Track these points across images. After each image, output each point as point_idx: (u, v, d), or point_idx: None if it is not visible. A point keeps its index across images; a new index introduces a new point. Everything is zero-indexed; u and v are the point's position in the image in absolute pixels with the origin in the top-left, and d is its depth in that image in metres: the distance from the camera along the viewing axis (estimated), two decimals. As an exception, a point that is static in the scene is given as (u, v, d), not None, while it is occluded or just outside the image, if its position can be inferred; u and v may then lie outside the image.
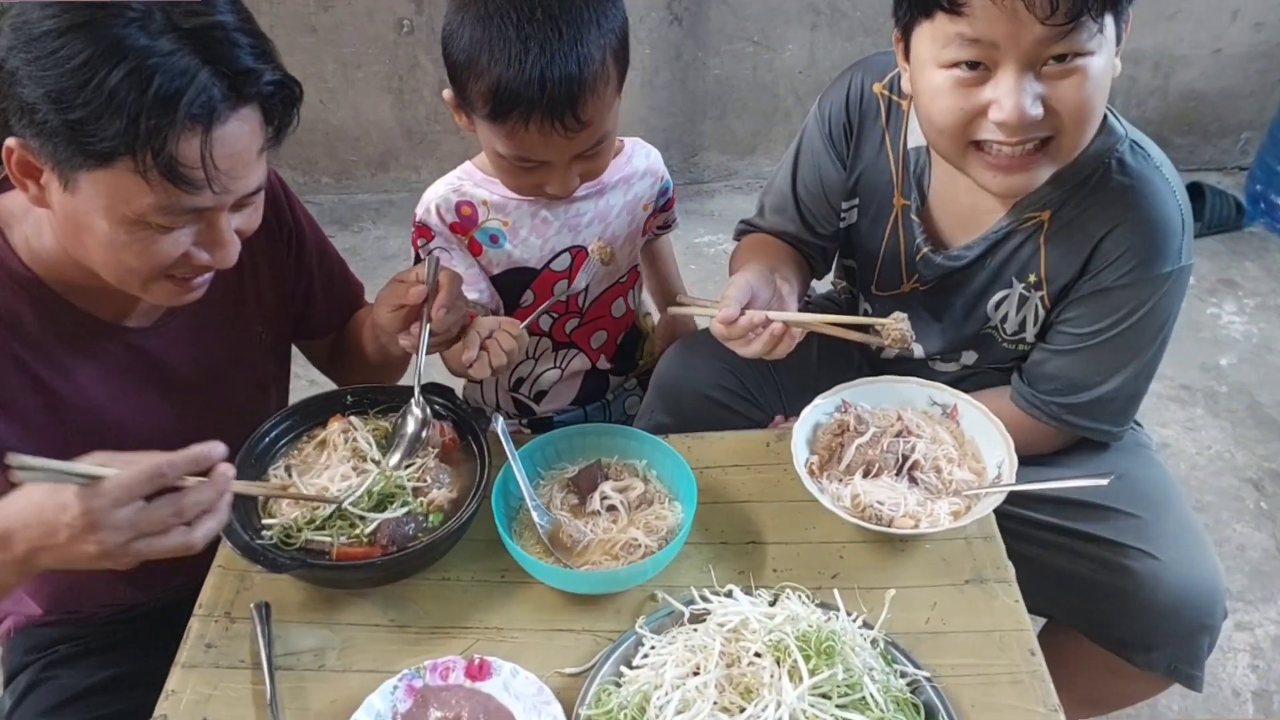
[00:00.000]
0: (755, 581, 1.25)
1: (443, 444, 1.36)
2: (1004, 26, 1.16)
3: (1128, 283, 1.37)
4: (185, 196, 1.09)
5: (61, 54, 1.01)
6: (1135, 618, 1.40)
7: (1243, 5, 3.46)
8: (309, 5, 3.39)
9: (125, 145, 1.03)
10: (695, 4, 3.48)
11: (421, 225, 1.61)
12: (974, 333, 1.54)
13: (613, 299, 1.75)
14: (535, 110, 1.31)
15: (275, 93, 1.12)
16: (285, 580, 1.28)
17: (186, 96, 1.03)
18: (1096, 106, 1.24)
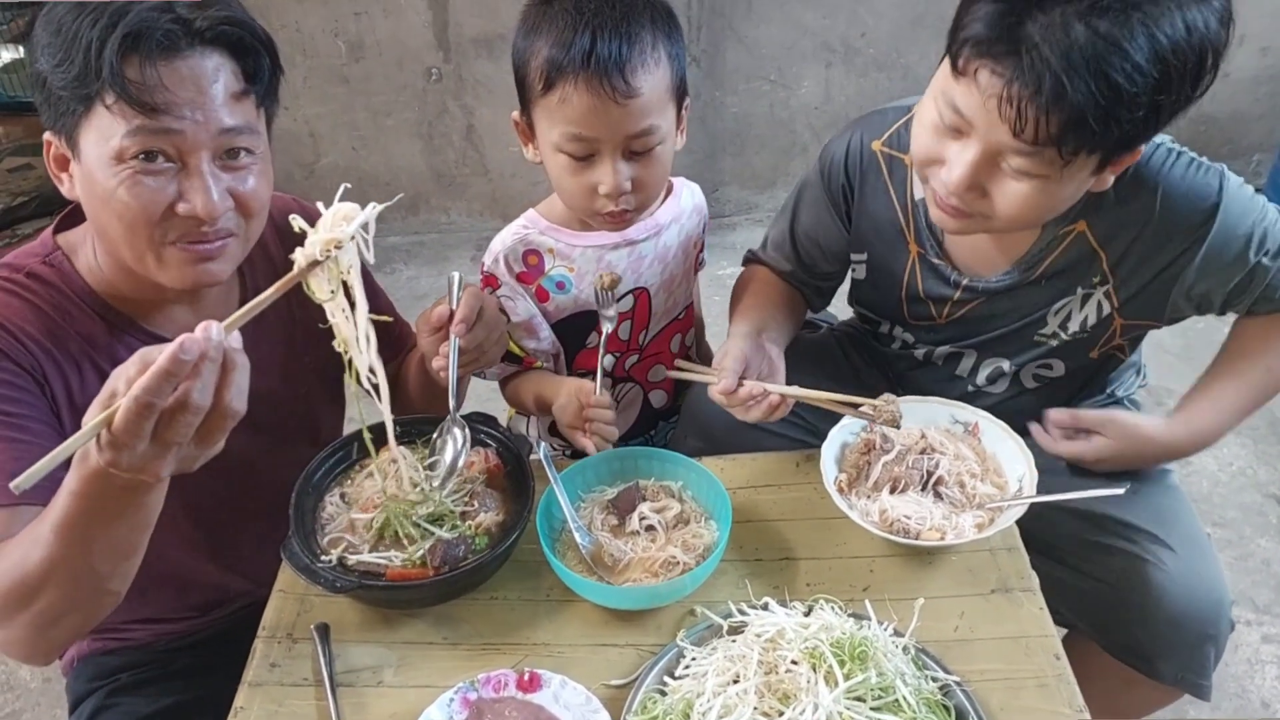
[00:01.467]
0: (789, 595, 1.31)
1: (488, 470, 1.43)
2: (982, 116, 1.21)
3: (1209, 245, 1.39)
4: (149, 120, 1.17)
5: (48, 18, 1.19)
6: (1142, 628, 1.45)
7: (1249, 30, 3.53)
8: (341, 57, 3.52)
9: (88, 77, 1.15)
10: (713, 45, 3.58)
11: (489, 275, 1.66)
12: (1025, 335, 1.57)
13: (671, 335, 1.81)
14: (584, 68, 1.37)
15: (232, 32, 1.21)
16: (342, 602, 1.34)
17: (127, 21, 1.14)
18: (1037, 217, 1.33)
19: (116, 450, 0.96)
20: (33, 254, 1.35)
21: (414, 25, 3.48)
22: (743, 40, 3.57)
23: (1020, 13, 1.14)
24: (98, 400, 0.97)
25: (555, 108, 1.43)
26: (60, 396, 1.32)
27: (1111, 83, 1.12)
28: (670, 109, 1.48)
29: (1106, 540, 1.50)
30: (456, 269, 1.49)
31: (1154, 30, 1.12)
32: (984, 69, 1.18)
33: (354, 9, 3.44)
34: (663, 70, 1.43)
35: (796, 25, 3.54)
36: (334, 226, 1.12)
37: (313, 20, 3.45)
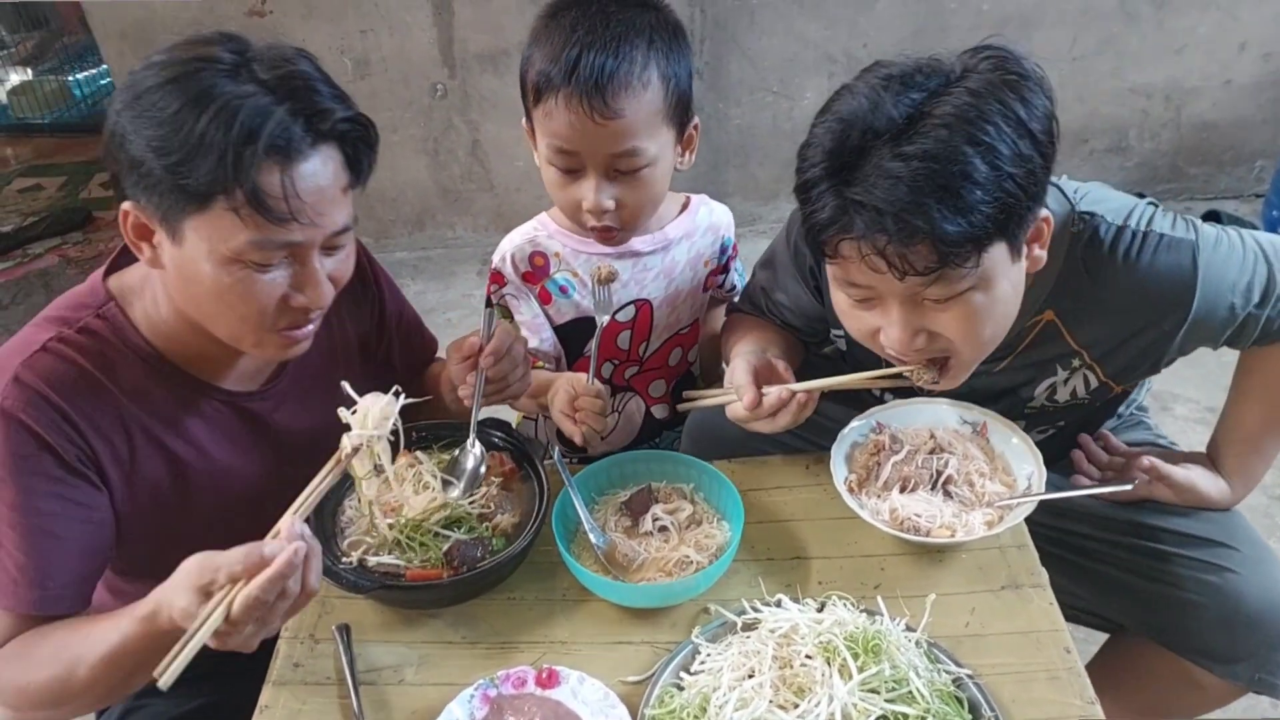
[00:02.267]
0: (802, 593, 1.33)
1: (503, 473, 1.46)
2: (874, 278, 1.20)
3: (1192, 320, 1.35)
4: (276, 230, 1.17)
5: (159, 104, 1.14)
6: (1217, 631, 1.45)
7: (1250, 36, 3.56)
8: (347, 74, 3.56)
9: (218, 183, 1.13)
10: (715, 58, 3.62)
11: (496, 272, 1.69)
12: (1012, 410, 1.55)
13: (671, 349, 1.82)
14: (566, 85, 1.39)
15: (350, 131, 1.23)
16: (363, 604, 1.37)
17: (266, 130, 1.13)
18: (989, 331, 1.27)
19: (228, 635, 1.09)
20: (85, 305, 1.33)
21: (419, 42, 3.52)
22: (745, 52, 3.61)
23: (841, 182, 1.16)
24: (194, 585, 1.09)
25: (543, 120, 1.46)
26: (109, 464, 1.32)
27: (951, 190, 1.11)
28: (663, 132, 1.48)
29: (1166, 548, 1.49)
30: (462, 283, 1.52)
31: (963, 131, 1.11)
32: (842, 243, 1.19)
33: (360, 27, 3.48)
34: (653, 93, 1.43)
35: (798, 37, 3.58)
36: (375, 425, 1.29)
37: (319, 38, 3.49)
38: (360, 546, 1.35)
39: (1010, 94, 1.14)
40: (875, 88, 1.16)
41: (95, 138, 4.88)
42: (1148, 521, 1.51)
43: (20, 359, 1.26)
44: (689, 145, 1.58)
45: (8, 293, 4.11)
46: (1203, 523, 1.49)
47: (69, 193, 4.83)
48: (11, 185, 4.93)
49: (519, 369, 1.46)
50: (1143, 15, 3.53)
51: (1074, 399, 1.53)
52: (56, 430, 1.26)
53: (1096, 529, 1.55)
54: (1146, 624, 1.56)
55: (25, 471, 1.25)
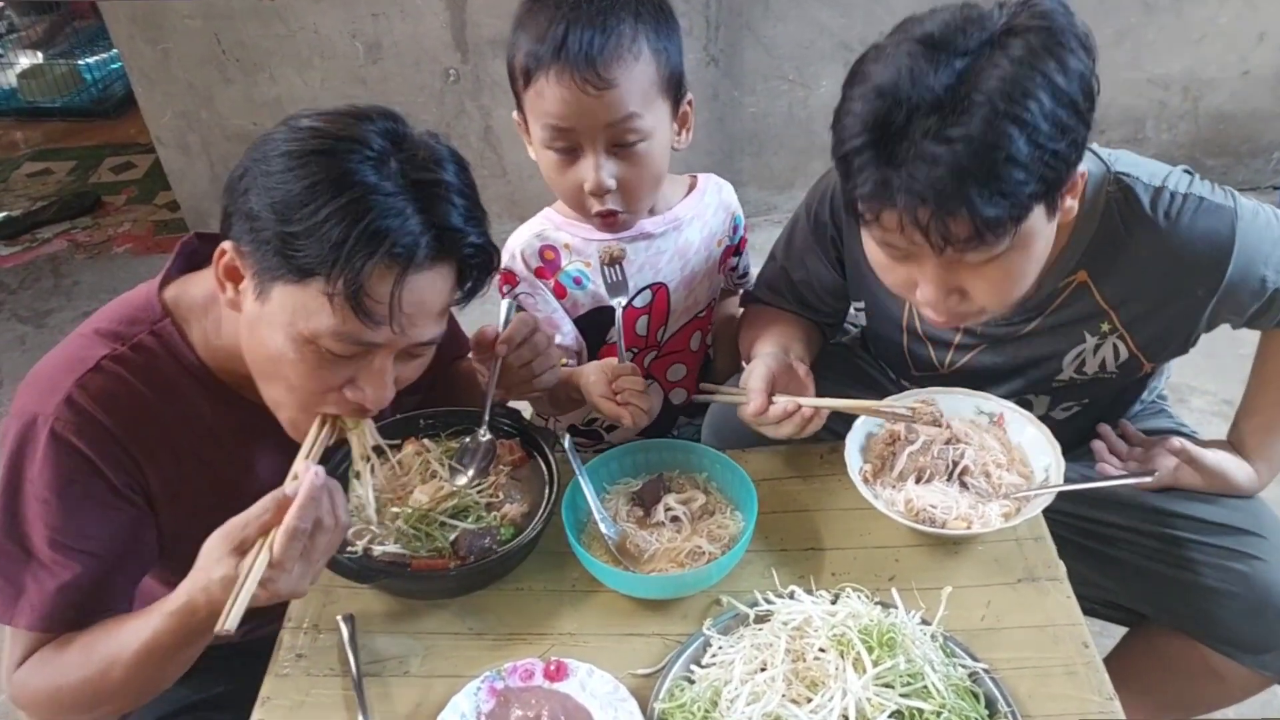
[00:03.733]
0: (815, 585, 1.30)
1: (513, 462, 1.43)
2: (914, 244, 1.19)
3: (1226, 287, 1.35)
4: (363, 329, 1.13)
5: (295, 172, 1.10)
6: (1245, 620, 1.43)
7: (1269, 27, 3.51)
8: (359, 58, 3.54)
9: (324, 266, 1.09)
10: (730, 45, 3.58)
11: (507, 272, 1.66)
12: (1040, 384, 1.54)
13: (690, 333, 1.80)
14: (556, 61, 1.37)
15: (474, 255, 1.20)
16: (368, 594, 1.35)
17: (393, 236, 1.10)
18: (1019, 288, 1.27)
19: (277, 579, 1.08)
20: (138, 319, 1.29)
21: (431, 26, 3.49)
22: (760, 40, 3.57)
23: (882, 158, 1.14)
24: (227, 550, 1.09)
25: (535, 101, 1.44)
26: (157, 488, 1.31)
27: (993, 174, 1.10)
28: (659, 105, 1.47)
29: (1192, 536, 1.47)
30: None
31: (1006, 111, 1.09)
32: (883, 212, 1.18)
33: (371, 10, 3.45)
34: (644, 64, 1.42)
35: (814, 24, 3.54)
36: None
37: (330, 22, 3.47)
38: (366, 535, 1.33)
39: (1053, 62, 1.11)
40: (913, 55, 1.12)
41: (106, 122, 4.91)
42: (1173, 509, 1.49)
43: (73, 378, 1.23)
44: (685, 123, 1.56)
45: (15, 277, 4.10)
46: (1228, 510, 1.46)
47: (78, 177, 4.82)
48: (21, 169, 4.92)
49: (544, 357, 1.43)
50: (1161, 5, 3.48)
51: (1102, 371, 1.51)
52: (108, 455, 1.24)
53: (1120, 517, 1.52)
54: (1171, 613, 1.53)
55: (73, 495, 1.23)
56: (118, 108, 5.25)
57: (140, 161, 4.86)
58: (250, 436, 1.37)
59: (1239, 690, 1.54)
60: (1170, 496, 1.49)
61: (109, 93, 5.35)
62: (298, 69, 3.59)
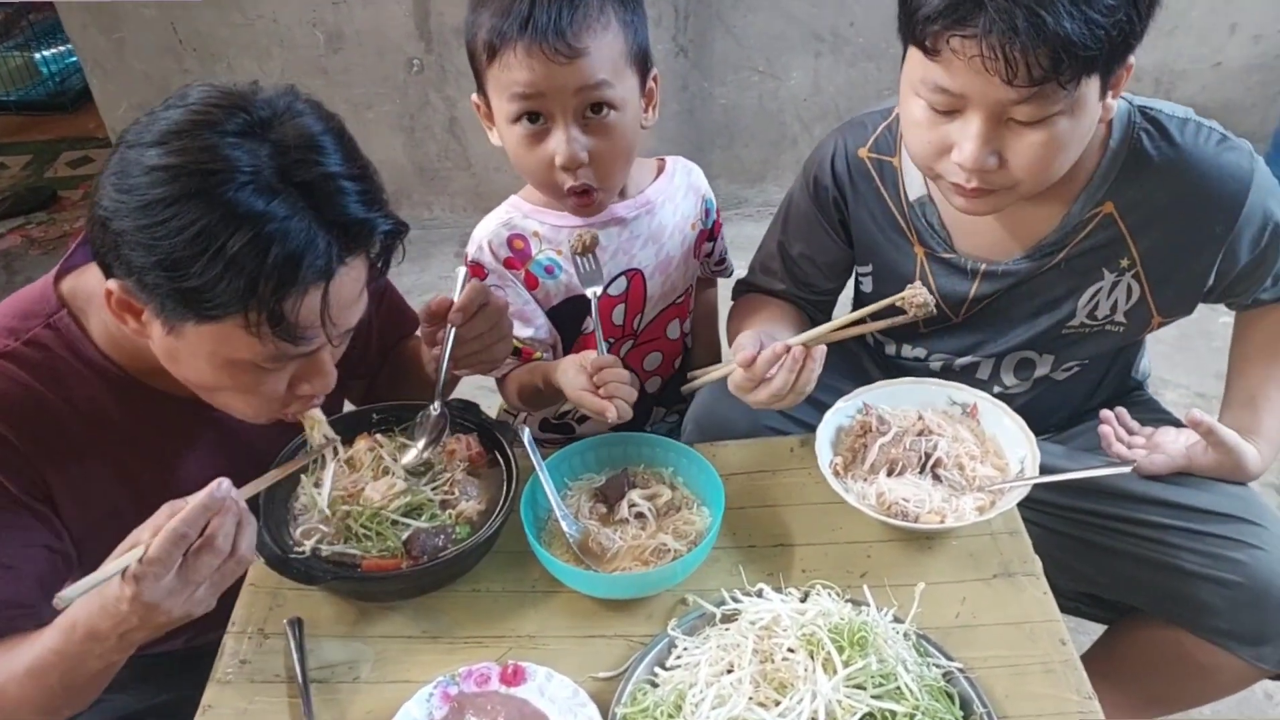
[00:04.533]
0: (785, 582, 1.26)
1: (469, 457, 1.37)
2: (972, 81, 1.18)
3: (1239, 225, 1.38)
4: (295, 347, 1.09)
5: (174, 224, 0.99)
6: (1245, 611, 1.39)
7: (1241, 18, 3.51)
8: (319, 48, 3.46)
9: (238, 307, 1.03)
10: (700, 35, 3.53)
11: (474, 264, 1.59)
12: (1051, 331, 1.52)
13: (667, 321, 1.74)
14: (523, 35, 1.32)
15: (385, 238, 1.13)
16: (317, 596, 1.29)
17: (305, 260, 1.03)
18: (1059, 164, 1.27)
19: (146, 579, 1.00)
20: (32, 313, 1.22)
21: (394, 15, 3.42)
22: (730, 30, 3.52)
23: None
24: (121, 546, 1.03)
25: (501, 76, 1.38)
26: (60, 492, 1.24)
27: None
28: (628, 77, 1.42)
29: (1188, 524, 1.43)
30: (439, 265, 1.44)
31: None
32: (955, 36, 1.16)
33: (333, -1, 3.38)
34: (613, 34, 1.37)
35: (784, 14, 3.49)
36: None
37: (290, 10, 3.39)
38: (314, 535, 1.27)
39: None
40: None
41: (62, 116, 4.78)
42: (1166, 497, 1.44)
43: None
44: (651, 100, 1.51)
45: (-31, 274, 3.99)
46: (1224, 498, 1.42)
47: (34, 172, 4.70)
48: (-28, 165, 4.81)
49: (498, 328, 1.38)
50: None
51: (1112, 317, 1.49)
52: (7, 463, 1.17)
53: (1112, 506, 1.47)
54: (1164, 604, 1.49)
55: None
56: (75, 101, 5.13)
57: (98, 156, 4.74)
58: (170, 434, 1.30)
59: (1230, 683, 1.50)
60: (1164, 484, 1.44)
61: (66, 86, 5.22)
62: (256, 59, 3.51)
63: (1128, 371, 1.69)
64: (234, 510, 1.05)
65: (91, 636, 1.07)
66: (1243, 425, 1.46)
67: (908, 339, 1.65)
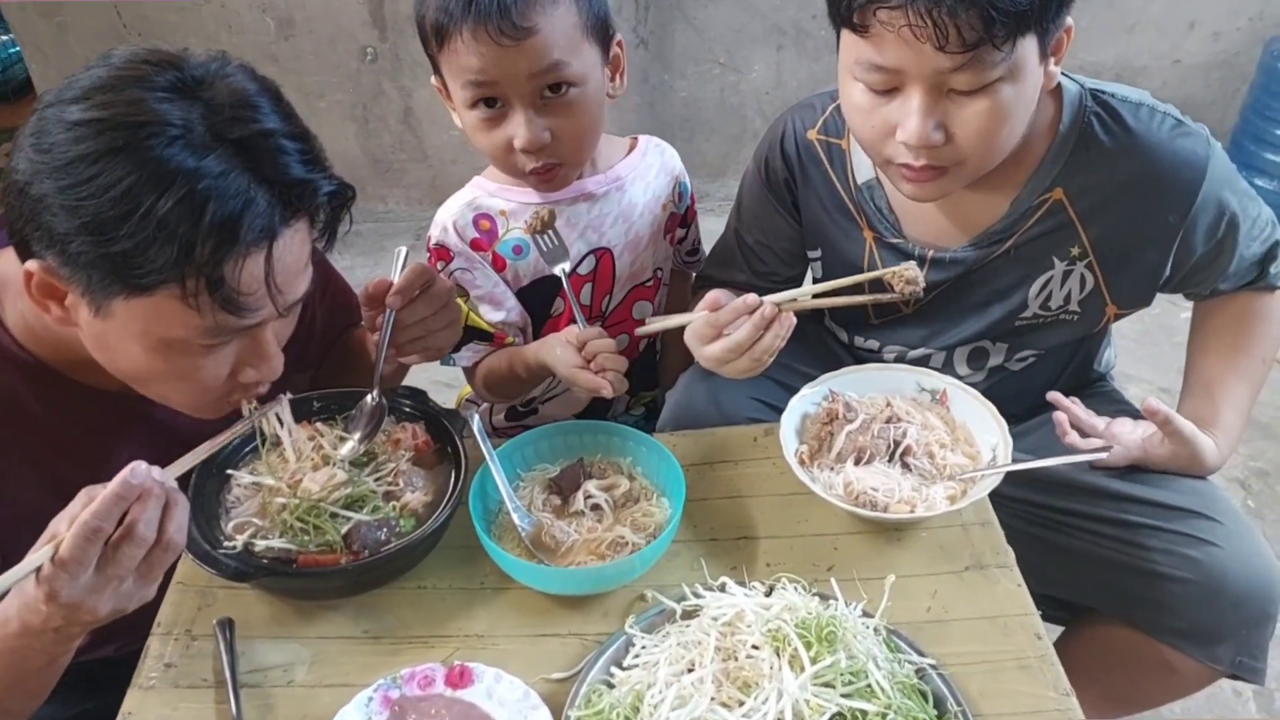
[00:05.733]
0: (748, 576, 1.19)
1: (415, 447, 1.30)
2: (905, 54, 1.14)
3: (1193, 214, 1.34)
4: (237, 319, 1.01)
5: (99, 181, 0.92)
6: (1198, 610, 1.34)
7: (1199, 15, 3.51)
8: (269, 34, 3.36)
9: (173, 274, 0.95)
10: (660, 27, 3.47)
11: (439, 247, 1.52)
12: (1004, 322, 1.47)
13: (634, 301, 1.67)
14: (467, 16, 1.26)
15: (328, 201, 1.06)
16: (250, 595, 1.20)
17: (246, 221, 0.95)
18: (1005, 134, 1.22)
19: (59, 579, 0.93)
20: None
21: (348, 1, 3.32)
22: (691, 21, 3.46)
23: None
24: (41, 538, 0.96)
25: (451, 61, 1.32)
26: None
27: None
28: (587, 49, 1.35)
29: (1142, 519, 1.38)
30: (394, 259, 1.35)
31: None
32: (882, 8, 1.12)
33: (284, -17, 3.28)
34: (564, 7, 1.30)
35: (746, 6, 3.44)
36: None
37: (241, -5, 3.29)
38: (248, 529, 1.19)
39: None
40: None
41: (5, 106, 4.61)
42: (1126, 491, 1.40)
43: None
44: (617, 67, 1.45)
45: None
46: (1180, 493, 1.37)
47: (-27, 164, 4.55)
48: (-88, 156, 4.64)
49: (444, 312, 1.31)
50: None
51: (1066, 307, 1.45)
52: None
53: (1070, 501, 1.43)
54: (1121, 604, 1.44)
55: None
56: (18, 91, 4.94)
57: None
58: (97, 431, 1.22)
59: (1191, 683, 1.45)
60: (1123, 478, 1.40)
61: (8, 75, 5.03)
62: (204, 44, 3.26)
63: (1089, 363, 1.64)
64: (156, 493, 0.97)
65: (25, 632, 0.99)
66: (1200, 416, 1.42)
67: (859, 329, 1.60)
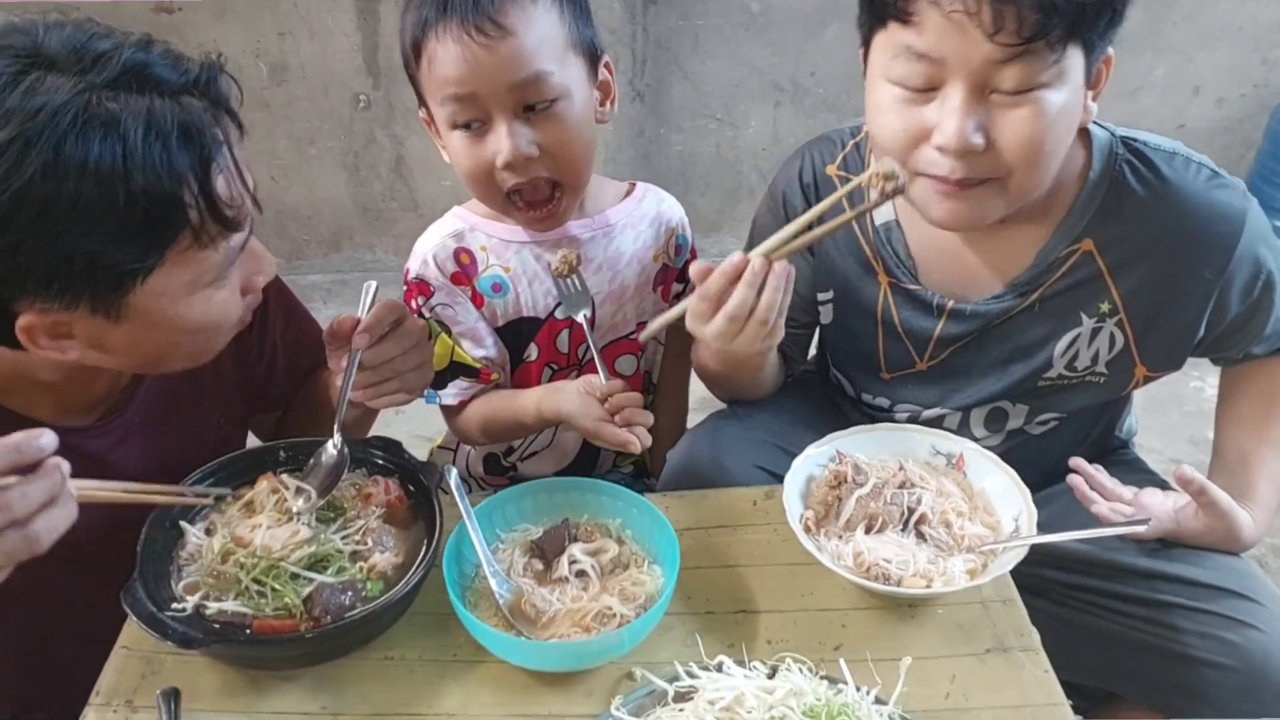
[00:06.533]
0: (748, 654, 1.10)
1: (387, 503, 1.20)
2: (952, 41, 1.08)
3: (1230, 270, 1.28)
4: (239, 235, 1.04)
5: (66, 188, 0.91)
6: (1239, 699, 1.23)
7: (1203, 81, 3.49)
8: (262, 79, 3.31)
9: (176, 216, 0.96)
10: (657, 81, 3.44)
11: (419, 281, 1.44)
12: (1026, 382, 1.39)
13: (617, 354, 1.58)
14: (443, 16, 1.21)
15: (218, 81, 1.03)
16: (200, 662, 1.10)
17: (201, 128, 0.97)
18: (1049, 147, 1.15)
19: None
20: None
21: (342, 48, 3.28)
22: (688, 76, 3.43)
23: None
24: None
25: (429, 75, 1.26)
26: None
27: None
28: (572, 62, 1.28)
29: (1174, 599, 1.29)
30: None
31: None
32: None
33: (278, 29, 3.23)
34: (545, 11, 1.24)
35: (744, 63, 3.41)
36: None
37: (233, 40, 3.23)
38: (199, 590, 1.08)
39: None
40: None
41: None
42: (1157, 569, 1.30)
43: None
44: (607, 92, 1.38)
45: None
46: (1214, 570, 1.28)
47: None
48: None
49: (414, 353, 1.23)
50: (1097, 56, 3.44)
51: (1093, 369, 1.37)
52: None
53: (1095, 579, 1.34)
54: (1149, 691, 1.34)
55: None
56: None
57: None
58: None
59: None
60: (1151, 554, 1.31)
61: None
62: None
63: (1112, 430, 1.56)
64: (54, 478, 0.91)
65: None
66: (1234, 489, 1.33)
67: (869, 386, 1.51)
